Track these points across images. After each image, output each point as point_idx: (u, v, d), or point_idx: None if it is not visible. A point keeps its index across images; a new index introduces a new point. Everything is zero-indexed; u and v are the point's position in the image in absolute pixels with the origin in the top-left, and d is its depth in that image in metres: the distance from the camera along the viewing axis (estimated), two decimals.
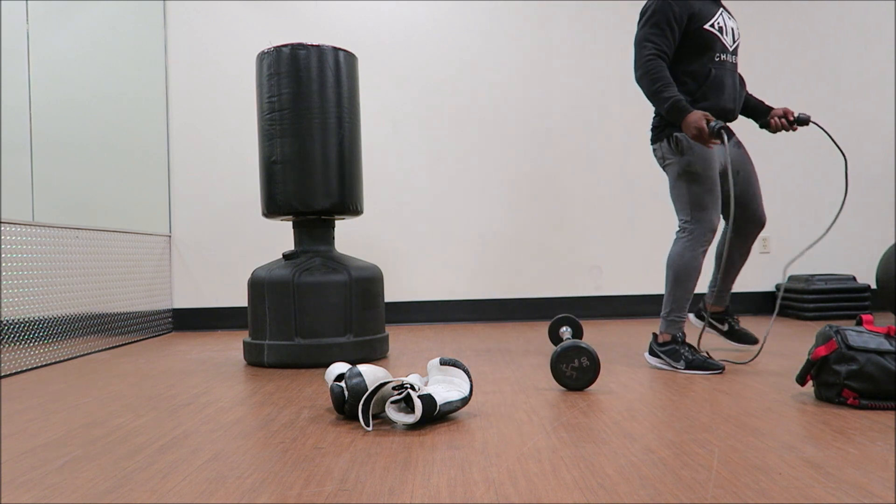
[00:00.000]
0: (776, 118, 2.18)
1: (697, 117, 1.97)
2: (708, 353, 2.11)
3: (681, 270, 2.09)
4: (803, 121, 2.15)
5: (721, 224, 3.94)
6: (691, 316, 2.56)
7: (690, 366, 2.06)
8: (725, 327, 2.42)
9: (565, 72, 3.83)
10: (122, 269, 3.16)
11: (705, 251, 2.10)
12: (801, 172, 3.92)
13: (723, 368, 2.04)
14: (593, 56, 3.83)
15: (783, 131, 2.06)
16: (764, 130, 3.58)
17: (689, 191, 2.10)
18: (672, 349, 2.11)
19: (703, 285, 3.83)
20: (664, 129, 2.15)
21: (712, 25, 2.11)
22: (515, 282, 3.81)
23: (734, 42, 2.19)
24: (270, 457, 1.27)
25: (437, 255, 3.79)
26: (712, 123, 1.97)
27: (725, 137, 1.99)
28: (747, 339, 2.40)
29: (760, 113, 2.28)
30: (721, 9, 2.18)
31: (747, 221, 2.24)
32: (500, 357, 2.47)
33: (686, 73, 2.14)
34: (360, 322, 2.40)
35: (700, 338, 2.27)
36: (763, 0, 3.84)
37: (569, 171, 3.83)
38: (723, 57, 2.14)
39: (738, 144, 2.25)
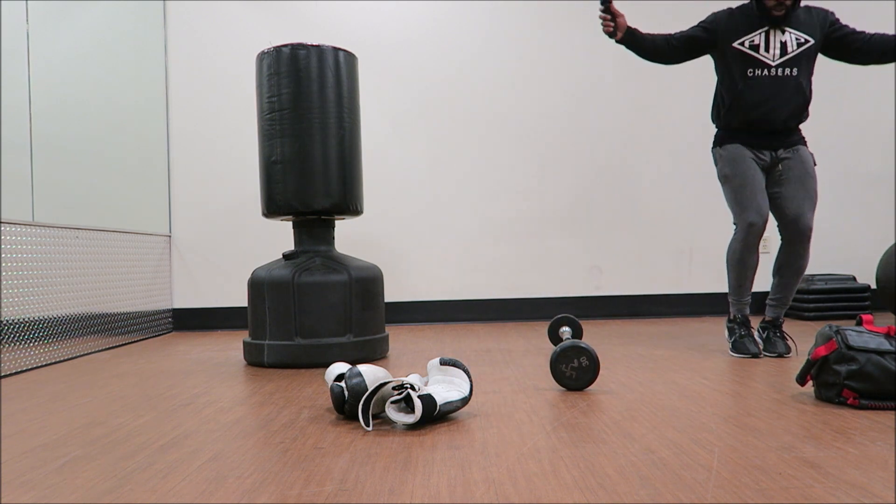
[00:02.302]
0: None
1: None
2: (758, 339, 2.40)
3: (728, 261, 2.41)
4: None
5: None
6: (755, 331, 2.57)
7: (734, 347, 2.38)
8: (764, 335, 2.44)
9: (565, 72, 3.83)
10: (122, 269, 3.16)
11: (749, 245, 2.33)
12: None
13: (755, 355, 2.30)
14: (594, 56, 3.83)
15: None
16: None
17: (727, 194, 2.39)
18: (730, 327, 2.45)
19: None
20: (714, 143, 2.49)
21: (742, 44, 2.33)
22: (515, 282, 3.81)
23: (784, 55, 2.31)
24: (270, 457, 1.27)
25: (438, 255, 3.79)
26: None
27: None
28: (775, 348, 2.36)
29: None
30: (768, 26, 2.32)
31: (786, 225, 2.35)
32: (500, 357, 2.47)
33: (722, 88, 2.42)
34: (360, 322, 2.40)
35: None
36: None
37: (568, 171, 3.83)
38: (758, 72, 2.33)
39: (795, 151, 2.36)
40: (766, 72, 2.33)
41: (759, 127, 2.35)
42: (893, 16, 3.93)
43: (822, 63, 3.90)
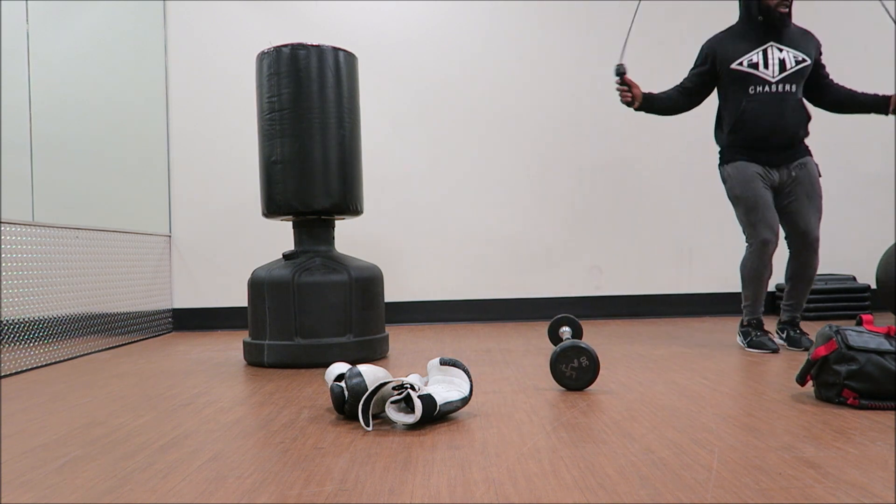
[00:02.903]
0: None
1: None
2: (773, 338, 2.48)
3: (744, 275, 2.48)
4: None
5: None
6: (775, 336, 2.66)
7: (751, 344, 2.48)
8: (784, 335, 2.56)
9: (565, 72, 3.83)
10: (122, 269, 3.16)
11: (764, 262, 2.42)
12: None
13: (776, 350, 2.40)
14: (594, 56, 3.83)
15: None
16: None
17: (738, 212, 2.46)
18: (745, 330, 2.53)
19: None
20: (720, 161, 2.56)
21: (741, 63, 2.41)
22: (515, 282, 3.81)
23: (782, 71, 2.39)
24: (270, 457, 1.27)
25: (438, 255, 3.79)
26: (619, 66, 2.45)
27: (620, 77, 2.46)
28: (799, 344, 2.49)
29: (877, 106, 2.44)
30: (768, 43, 2.41)
31: (795, 237, 2.45)
32: (500, 357, 2.47)
33: (724, 108, 2.50)
34: (360, 322, 2.40)
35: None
36: None
37: (568, 170, 3.83)
38: (759, 89, 2.39)
39: (802, 165, 2.43)
40: (767, 88, 2.39)
41: (765, 143, 2.41)
42: (894, 15, 3.93)
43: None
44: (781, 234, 3.96)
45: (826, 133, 3.92)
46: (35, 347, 2.47)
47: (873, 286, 3.92)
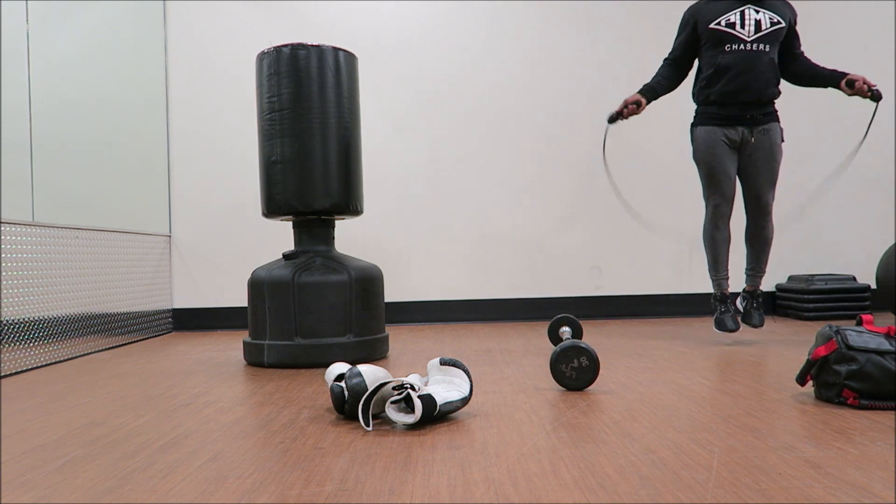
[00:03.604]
0: (859, 82, 2.46)
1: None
2: (737, 313, 2.63)
3: (703, 240, 2.68)
4: (877, 97, 2.46)
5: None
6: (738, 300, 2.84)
7: (715, 323, 2.66)
8: (743, 305, 2.71)
9: (566, 72, 3.83)
10: (122, 269, 3.16)
11: (717, 223, 2.59)
12: (785, 169, 3.92)
13: (734, 330, 2.58)
14: (594, 56, 3.83)
15: (858, 96, 2.61)
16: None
17: (699, 175, 2.66)
18: (713, 304, 2.69)
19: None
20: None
21: (718, 23, 2.53)
22: (515, 282, 3.81)
23: (758, 31, 2.51)
24: (270, 457, 1.27)
25: (438, 254, 3.79)
26: (612, 114, 2.67)
27: (611, 123, 2.70)
28: (750, 320, 2.66)
29: (832, 80, 2.55)
30: (746, 5, 2.52)
31: (749, 201, 2.60)
32: (500, 357, 2.47)
33: (703, 64, 2.63)
34: (360, 322, 2.40)
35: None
36: None
37: (569, 170, 3.83)
38: (734, 47, 2.51)
39: (766, 131, 2.55)
40: (741, 46, 2.51)
41: (734, 97, 2.53)
42: (894, 16, 3.93)
43: (823, 63, 3.90)
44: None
45: (826, 133, 3.92)
46: (35, 347, 2.47)
47: (873, 286, 3.92)
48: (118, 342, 3.10)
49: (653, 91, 2.68)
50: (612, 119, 2.68)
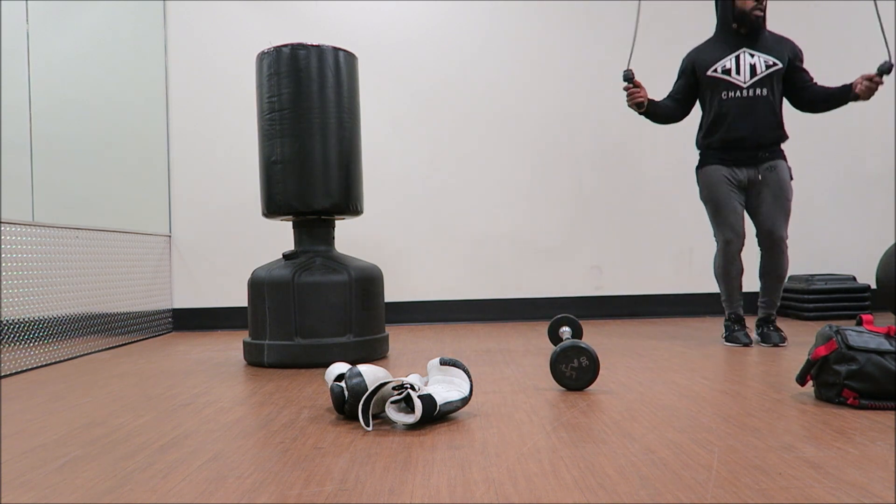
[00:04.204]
0: (860, 84, 2.40)
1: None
2: (755, 336, 2.62)
3: (715, 274, 2.68)
4: (887, 68, 2.34)
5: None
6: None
7: (728, 338, 2.63)
8: (759, 331, 2.65)
9: (566, 72, 3.83)
10: (122, 269, 3.16)
11: (729, 259, 2.58)
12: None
13: (748, 344, 2.56)
14: (594, 56, 3.83)
15: (873, 89, 2.42)
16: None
17: (708, 213, 2.63)
18: (726, 325, 2.69)
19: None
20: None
21: (715, 70, 2.55)
22: (515, 282, 3.81)
23: (753, 76, 2.50)
24: (270, 457, 1.27)
25: (438, 254, 3.79)
26: (626, 71, 2.54)
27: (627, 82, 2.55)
28: (769, 340, 2.59)
29: (844, 94, 2.48)
30: (740, 49, 2.53)
31: (762, 237, 2.56)
32: (500, 357, 2.47)
33: (704, 110, 2.63)
34: (360, 322, 2.40)
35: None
36: None
37: (568, 170, 3.83)
38: (731, 94, 2.52)
39: (772, 168, 2.53)
40: (738, 93, 2.52)
41: (736, 144, 2.53)
42: (894, 16, 3.93)
43: (823, 64, 3.90)
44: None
45: (827, 133, 3.92)
46: (35, 347, 2.47)
47: (873, 286, 3.92)
48: (118, 342, 3.10)
49: (654, 106, 2.61)
50: (627, 77, 2.51)
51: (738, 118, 2.51)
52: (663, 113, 2.65)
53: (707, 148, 2.62)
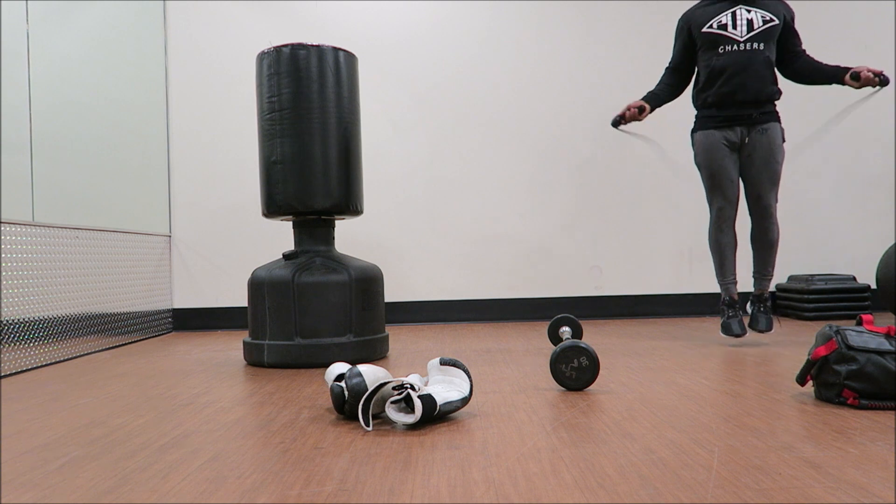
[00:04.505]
0: (863, 71, 2.45)
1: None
2: (744, 320, 2.55)
3: (709, 244, 2.68)
4: (885, 82, 2.46)
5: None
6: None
7: (722, 327, 2.61)
8: (749, 309, 2.69)
9: (566, 72, 3.83)
10: (122, 269, 3.16)
11: (721, 227, 2.60)
12: (785, 169, 3.92)
13: (739, 335, 2.53)
14: (594, 56, 3.83)
15: (868, 87, 2.55)
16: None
17: (702, 179, 2.65)
18: (721, 309, 2.66)
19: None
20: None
21: (711, 26, 2.55)
22: (515, 282, 3.81)
23: (750, 30, 2.51)
24: (270, 457, 1.27)
25: (438, 254, 3.79)
26: (615, 118, 2.72)
27: (621, 125, 2.74)
28: (756, 325, 2.62)
29: (834, 74, 2.53)
30: (737, 6, 2.54)
31: (751, 203, 2.57)
32: (500, 357, 2.47)
33: (700, 68, 2.64)
34: (360, 322, 2.40)
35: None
36: None
37: (569, 170, 3.83)
38: (728, 48, 2.52)
39: (764, 131, 2.53)
40: (735, 46, 2.52)
41: (731, 98, 2.53)
42: (894, 16, 3.93)
43: (823, 61, 3.90)
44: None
45: (827, 133, 3.92)
46: (35, 347, 2.47)
47: (873, 286, 3.92)
48: (118, 342, 3.10)
49: (656, 97, 2.70)
50: (615, 123, 2.70)
51: (735, 72, 2.51)
52: (666, 95, 2.71)
53: (702, 106, 2.62)
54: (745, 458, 1.18)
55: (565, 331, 2.57)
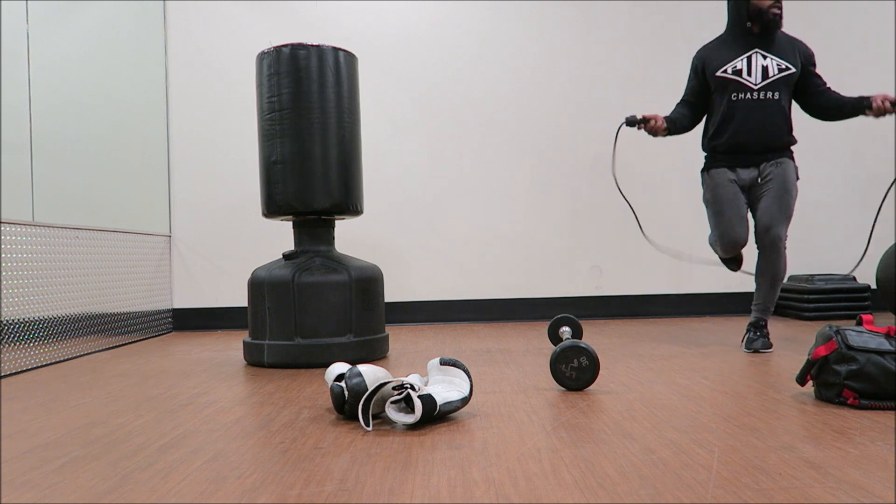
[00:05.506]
0: (878, 100, 2.34)
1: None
2: (757, 339, 2.47)
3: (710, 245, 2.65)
4: None
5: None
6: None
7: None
8: (746, 334, 2.55)
9: (566, 72, 3.83)
10: (122, 269, 3.16)
11: (728, 262, 2.67)
12: None
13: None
14: (594, 57, 3.83)
15: (887, 115, 2.38)
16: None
17: (708, 216, 2.58)
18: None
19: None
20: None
21: (725, 71, 2.47)
22: (515, 282, 3.81)
23: (765, 78, 2.43)
24: (270, 457, 1.27)
25: (437, 255, 3.79)
26: (634, 118, 2.59)
27: (634, 125, 2.60)
28: (752, 346, 2.48)
29: (857, 106, 2.41)
30: (752, 50, 2.46)
31: (759, 235, 2.46)
32: (500, 357, 2.47)
33: (712, 111, 2.57)
34: (360, 322, 2.40)
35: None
36: None
37: (569, 171, 3.83)
38: (741, 96, 2.45)
39: (778, 164, 2.45)
40: (749, 95, 2.44)
41: (743, 148, 2.47)
42: (894, 16, 3.93)
43: (822, 63, 3.90)
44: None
45: (827, 133, 3.92)
46: (35, 347, 2.47)
47: (873, 286, 3.92)
48: (118, 342, 3.10)
49: (674, 123, 2.59)
50: (631, 122, 2.57)
51: (746, 121, 2.43)
52: (682, 125, 2.60)
53: (713, 151, 2.54)
54: (745, 458, 1.18)
55: (565, 331, 2.57)
